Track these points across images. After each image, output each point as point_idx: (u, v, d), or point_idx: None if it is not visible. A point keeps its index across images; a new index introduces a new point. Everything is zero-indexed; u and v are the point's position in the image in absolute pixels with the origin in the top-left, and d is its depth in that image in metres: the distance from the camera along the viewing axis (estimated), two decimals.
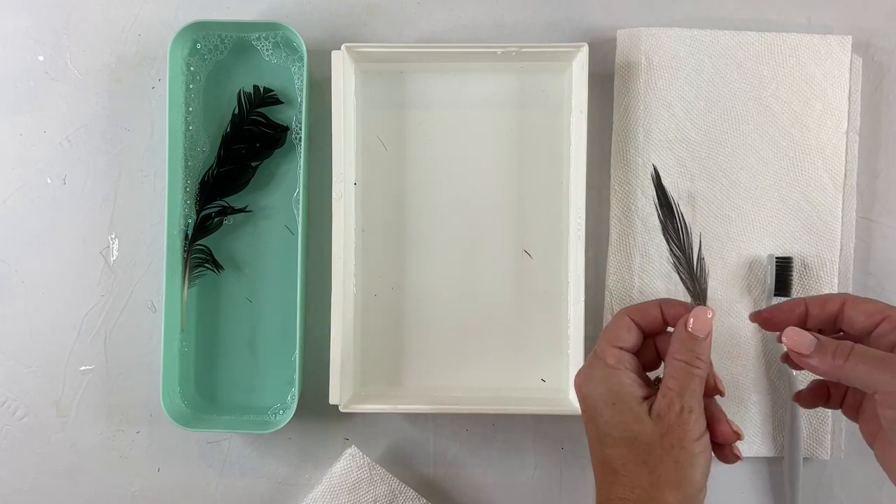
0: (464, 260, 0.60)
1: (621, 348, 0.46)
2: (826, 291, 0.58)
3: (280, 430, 0.57)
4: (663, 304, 0.47)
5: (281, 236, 0.60)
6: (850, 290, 0.59)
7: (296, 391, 0.58)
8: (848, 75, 0.58)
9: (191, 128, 0.60)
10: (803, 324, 0.46)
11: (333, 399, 0.56)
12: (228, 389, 0.61)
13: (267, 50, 0.60)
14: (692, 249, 0.46)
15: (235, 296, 0.61)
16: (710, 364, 0.46)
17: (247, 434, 0.61)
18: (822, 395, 0.49)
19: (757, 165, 0.59)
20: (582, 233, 0.57)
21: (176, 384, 0.59)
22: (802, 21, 0.60)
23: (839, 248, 0.59)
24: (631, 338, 0.46)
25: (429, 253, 0.60)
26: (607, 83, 0.60)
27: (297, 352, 0.57)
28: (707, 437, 0.44)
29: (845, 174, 0.59)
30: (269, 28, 0.59)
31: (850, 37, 0.58)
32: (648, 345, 0.48)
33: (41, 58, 0.62)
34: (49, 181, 0.61)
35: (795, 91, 0.59)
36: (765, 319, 0.47)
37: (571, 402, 0.57)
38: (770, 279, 0.58)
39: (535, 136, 0.60)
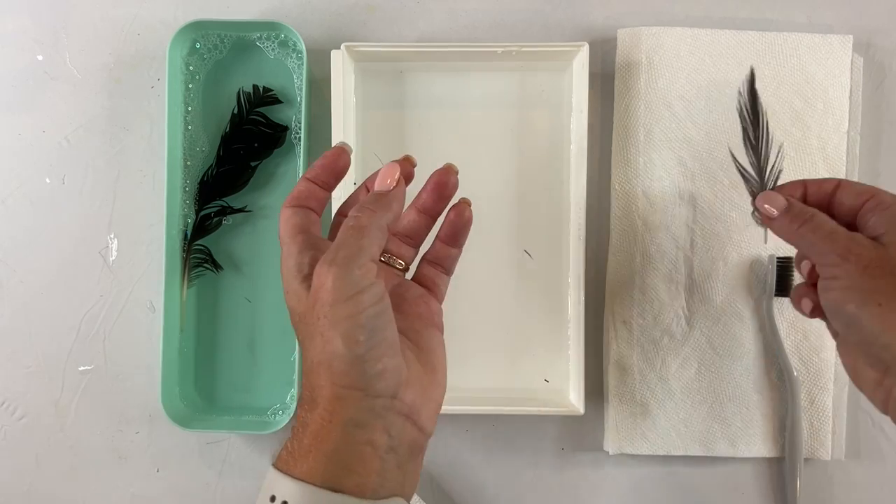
0: (463, 259, 0.60)
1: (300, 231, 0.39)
2: None
3: (279, 431, 0.57)
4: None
5: None
6: None
7: (295, 391, 0.57)
8: (849, 75, 0.58)
9: (190, 127, 0.60)
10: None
11: None
12: (228, 390, 0.61)
13: (266, 49, 0.60)
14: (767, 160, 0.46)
15: (234, 296, 0.60)
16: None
17: (246, 434, 0.61)
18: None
19: None
20: (582, 233, 0.57)
21: (175, 384, 0.59)
22: (803, 20, 0.60)
23: None
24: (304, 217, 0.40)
25: None
26: (608, 83, 0.60)
27: (297, 352, 0.57)
28: (365, 300, 0.34)
29: (846, 174, 0.59)
30: (269, 28, 0.59)
31: (851, 36, 0.58)
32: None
33: (40, 57, 0.61)
34: (48, 181, 0.61)
35: (796, 90, 0.58)
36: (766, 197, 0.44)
37: (572, 402, 0.57)
38: (771, 279, 0.57)
39: (535, 135, 0.60)
